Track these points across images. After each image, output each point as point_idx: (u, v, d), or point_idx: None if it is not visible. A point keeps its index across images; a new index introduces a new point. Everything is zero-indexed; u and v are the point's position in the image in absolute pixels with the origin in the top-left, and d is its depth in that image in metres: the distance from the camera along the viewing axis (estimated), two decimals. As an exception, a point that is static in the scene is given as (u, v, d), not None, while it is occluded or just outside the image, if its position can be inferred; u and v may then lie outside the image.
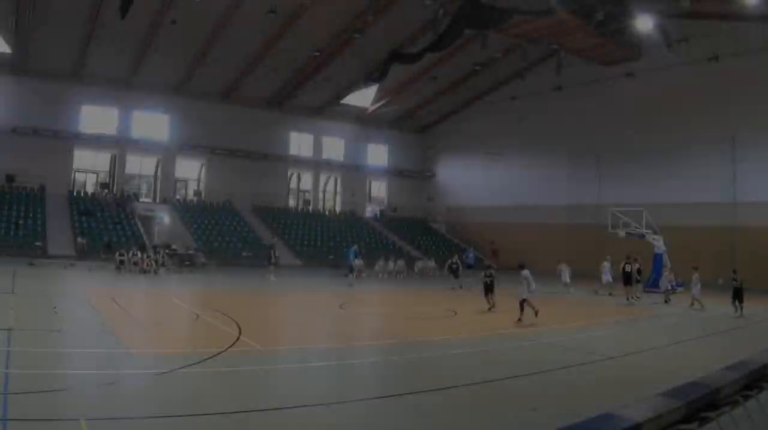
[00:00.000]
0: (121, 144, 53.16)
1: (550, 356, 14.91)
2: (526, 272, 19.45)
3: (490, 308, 21.97)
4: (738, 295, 24.00)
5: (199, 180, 58.28)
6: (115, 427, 8.55)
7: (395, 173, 66.71)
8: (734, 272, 25.26)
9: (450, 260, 34.78)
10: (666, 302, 28.59)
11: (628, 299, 27.92)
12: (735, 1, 34.82)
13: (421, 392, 10.93)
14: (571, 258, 33.07)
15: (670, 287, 29.46)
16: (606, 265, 31.96)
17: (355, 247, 36.96)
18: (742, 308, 23.81)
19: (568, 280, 31.83)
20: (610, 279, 31.44)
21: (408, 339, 16.52)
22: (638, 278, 29.52)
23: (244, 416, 9.12)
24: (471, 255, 42.67)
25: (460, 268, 34.13)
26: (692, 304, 26.29)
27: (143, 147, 54.31)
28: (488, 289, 22.35)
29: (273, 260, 35.97)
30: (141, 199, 54.28)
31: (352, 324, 20.11)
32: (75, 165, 52.85)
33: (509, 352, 15.67)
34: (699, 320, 23.28)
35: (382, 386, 11.92)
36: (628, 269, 28.66)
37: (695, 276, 26.36)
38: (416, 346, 15.64)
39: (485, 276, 22.63)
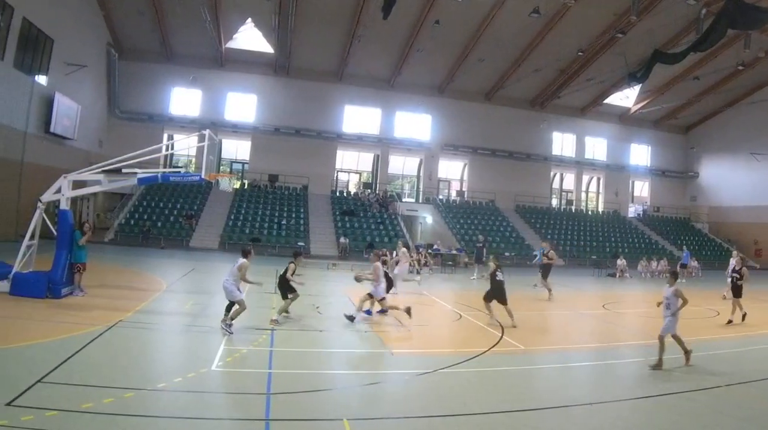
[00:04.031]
0: (383, 144, 55.83)
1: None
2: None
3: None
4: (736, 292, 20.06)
5: (461, 180, 59.76)
6: (377, 426, 8.76)
7: (657, 173, 66.73)
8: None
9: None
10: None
11: None
12: None
13: (682, 392, 11.09)
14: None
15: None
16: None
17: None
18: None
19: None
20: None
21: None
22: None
23: (504, 416, 9.38)
24: (686, 255, 41.89)
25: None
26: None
27: (406, 147, 56.67)
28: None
29: (483, 260, 35.45)
30: (404, 199, 56.30)
31: (613, 324, 19.84)
32: (337, 165, 55.95)
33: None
34: None
35: (642, 387, 11.75)
36: None
37: None
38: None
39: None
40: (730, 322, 19.46)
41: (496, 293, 17.92)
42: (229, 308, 14.23)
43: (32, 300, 16.18)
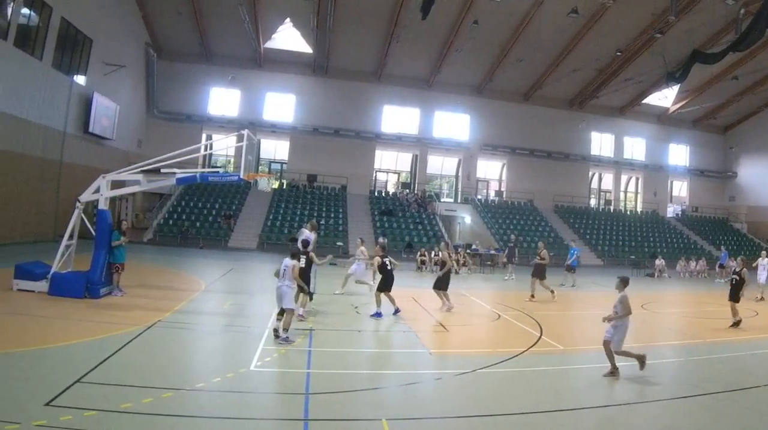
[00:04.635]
0: (422, 144, 55.91)
1: None
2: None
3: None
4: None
5: (500, 180, 59.68)
6: (416, 426, 8.77)
7: (696, 173, 66.51)
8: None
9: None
10: None
11: None
12: None
13: (719, 392, 11.07)
14: None
15: None
16: (764, 261, 28.27)
17: (573, 244, 35.61)
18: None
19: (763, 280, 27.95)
20: (763, 280, 27.85)
21: (707, 339, 16.74)
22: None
23: (543, 416, 9.41)
24: (724, 255, 42.23)
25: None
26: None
27: (445, 147, 56.73)
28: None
29: (514, 260, 35.18)
30: (442, 199, 56.18)
31: (651, 324, 19.70)
32: (376, 165, 56.07)
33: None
34: None
35: (680, 387, 11.78)
36: None
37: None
38: (715, 346, 15.72)
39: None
40: (741, 320, 19.01)
41: (443, 280, 19.60)
42: (282, 313, 13.74)
43: (71, 300, 16.34)
